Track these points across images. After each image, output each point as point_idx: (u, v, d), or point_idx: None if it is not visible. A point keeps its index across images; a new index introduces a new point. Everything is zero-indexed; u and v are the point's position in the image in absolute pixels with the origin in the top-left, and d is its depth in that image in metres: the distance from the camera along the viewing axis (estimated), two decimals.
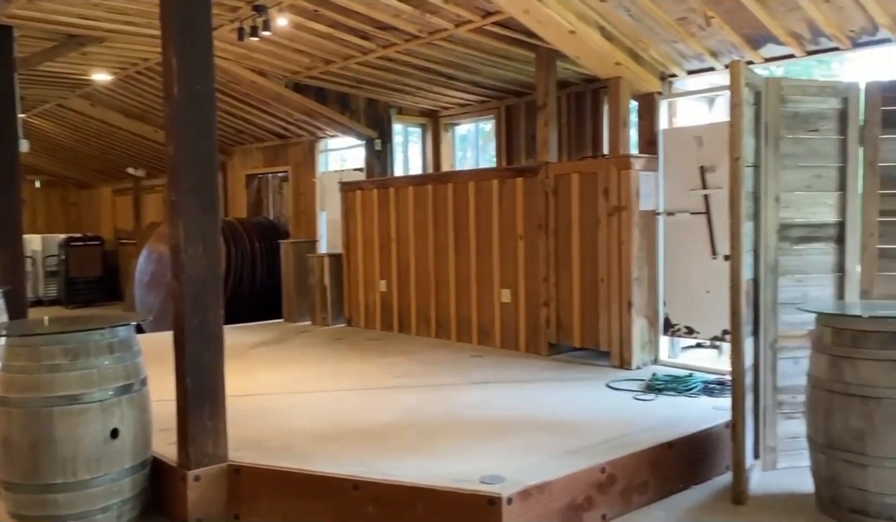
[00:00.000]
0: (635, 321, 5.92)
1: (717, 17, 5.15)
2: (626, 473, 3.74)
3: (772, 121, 4.34)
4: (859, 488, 3.50)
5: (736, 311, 3.93)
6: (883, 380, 3.46)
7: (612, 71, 5.87)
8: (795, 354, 4.30)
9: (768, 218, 4.34)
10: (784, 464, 4.32)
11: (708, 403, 4.83)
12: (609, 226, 6.01)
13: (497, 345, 6.95)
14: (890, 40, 4.91)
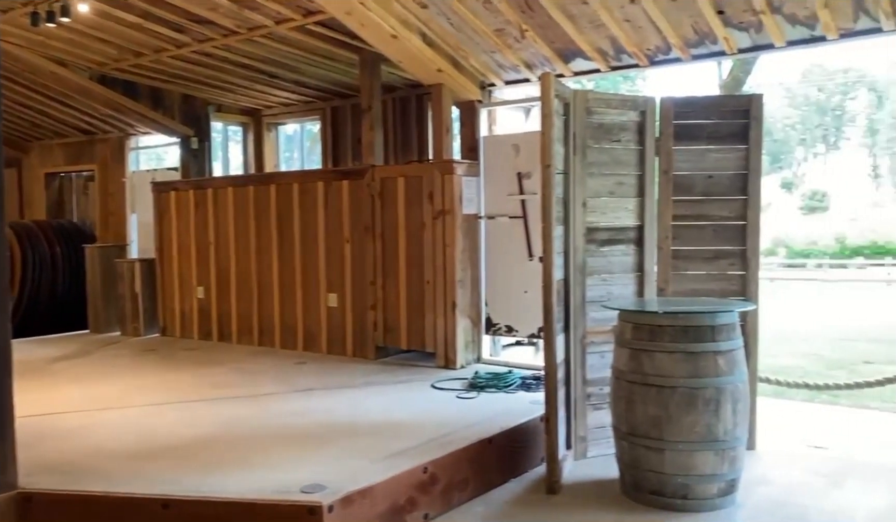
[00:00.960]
0: (459, 321, 6.06)
1: (531, 31, 5.41)
2: (448, 471, 3.80)
3: (579, 131, 4.61)
4: (657, 471, 3.80)
5: (548, 310, 4.13)
6: (676, 370, 3.78)
7: (434, 77, 5.98)
8: (602, 349, 4.61)
9: (577, 222, 4.62)
10: (593, 453, 4.61)
11: (526, 398, 5.04)
12: (434, 230, 6.11)
13: (323, 351, 6.84)
14: (681, 60, 5.40)
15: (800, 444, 4.88)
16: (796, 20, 4.74)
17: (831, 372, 8.45)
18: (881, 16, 4.49)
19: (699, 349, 3.79)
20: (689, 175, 4.86)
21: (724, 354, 3.81)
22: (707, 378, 3.76)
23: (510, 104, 6.63)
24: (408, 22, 5.45)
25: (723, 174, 4.84)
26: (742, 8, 4.72)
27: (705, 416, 3.74)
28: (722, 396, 3.76)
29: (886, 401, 7.14)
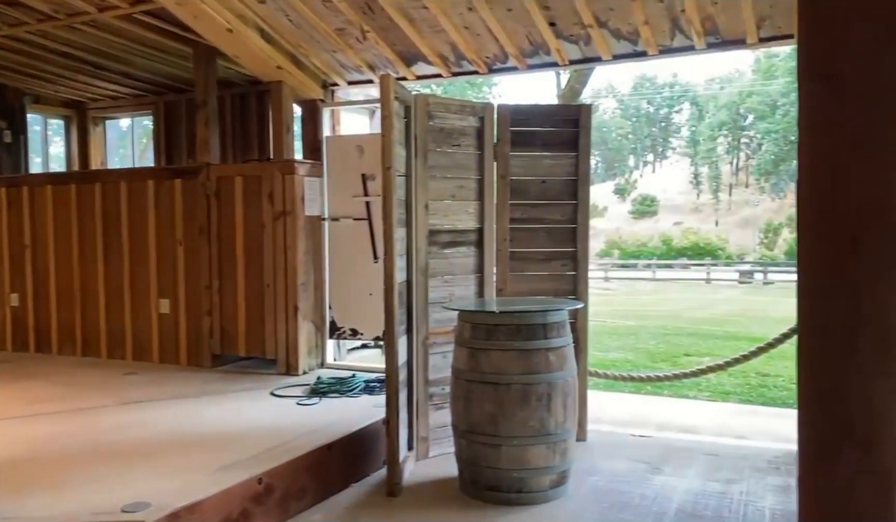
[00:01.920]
0: (302, 326, 5.93)
1: (373, 32, 5.39)
2: (285, 481, 3.69)
3: (420, 134, 4.66)
4: (493, 467, 3.90)
5: (389, 312, 4.13)
6: (511, 368, 3.90)
7: (273, 74, 5.82)
8: (444, 349, 4.67)
9: (419, 224, 4.65)
10: (435, 452, 4.67)
11: (369, 401, 5.00)
12: (275, 231, 5.94)
13: (155, 360, 6.45)
14: (517, 69, 5.59)
15: (626, 434, 5.20)
16: (621, 35, 5.05)
17: (656, 365, 9.10)
18: (694, 35, 4.88)
19: (532, 346, 3.93)
20: (525, 180, 5.05)
21: (555, 351, 3.98)
22: (539, 374, 3.91)
23: (354, 105, 6.58)
24: (244, 16, 5.26)
25: (555, 179, 5.07)
26: (572, 21, 4.96)
27: (538, 411, 3.88)
28: (553, 391, 3.92)
29: (702, 390, 7.80)
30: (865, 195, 1.17)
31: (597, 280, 32.81)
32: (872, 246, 1.16)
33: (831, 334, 1.20)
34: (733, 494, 4.02)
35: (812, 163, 1.20)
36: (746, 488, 4.11)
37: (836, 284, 1.19)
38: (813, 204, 1.20)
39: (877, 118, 1.15)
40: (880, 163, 1.16)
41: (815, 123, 1.20)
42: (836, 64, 1.17)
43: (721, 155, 58.65)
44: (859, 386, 1.19)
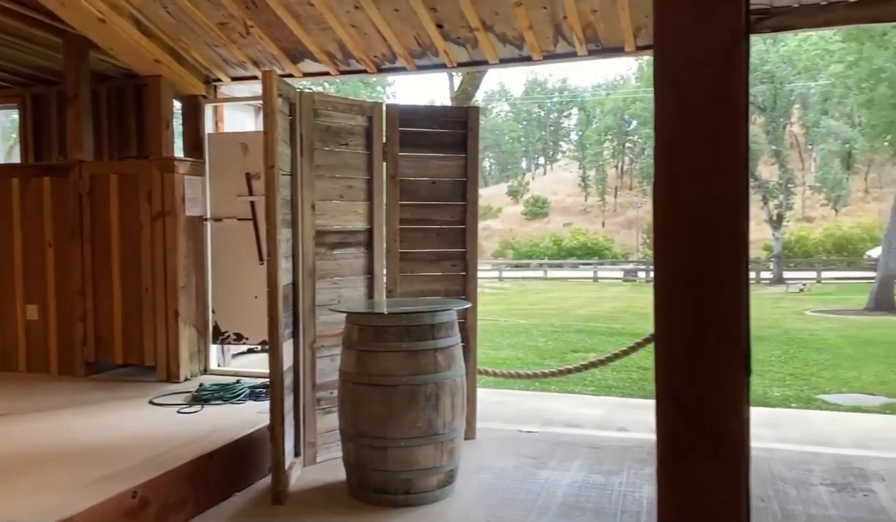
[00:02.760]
0: (183, 331, 5.69)
1: (257, 27, 5.24)
2: (162, 493, 3.52)
3: (306, 132, 4.56)
4: (381, 469, 3.88)
5: (273, 316, 4.02)
6: (399, 369, 3.88)
7: (151, 68, 5.55)
8: (333, 352, 4.60)
9: (305, 224, 4.56)
10: (323, 457, 4.59)
11: (254, 408, 4.86)
12: (153, 233, 5.67)
13: (23, 370, 6.02)
14: (406, 69, 5.59)
15: (514, 430, 5.29)
16: (506, 39, 5.14)
17: (545, 362, 9.34)
18: (576, 41, 5.03)
19: (420, 347, 3.92)
20: (415, 180, 5.05)
21: (443, 351, 3.99)
22: (427, 374, 3.92)
23: (238, 101, 6.38)
24: (118, 6, 4.99)
25: (445, 180, 5.10)
26: (459, 24, 5.00)
27: (426, 411, 3.89)
28: (442, 391, 3.94)
29: (587, 385, 8.07)
30: (711, 196, 1.23)
31: (491, 280, 33.39)
32: (718, 245, 1.22)
33: (682, 330, 1.26)
34: (614, 485, 4.17)
35: (665, 166, 1.25)
36: (626, 478, 4.27)
37: (685, 282, 1.24)
38: (665, 204, 1.24)
39: (722, 121, 1.21)
40: (726, 165, 1.22)
41: (667, 126, 1.24)
42: (686, 69, 1.22)
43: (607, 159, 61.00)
44: (709, 380, 1.25)
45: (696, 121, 1.22)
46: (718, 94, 1.21)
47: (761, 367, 9.63)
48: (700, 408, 1.27)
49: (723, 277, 1.24)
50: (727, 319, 1.23)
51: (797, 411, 6.74)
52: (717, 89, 1.21)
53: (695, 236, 1.24)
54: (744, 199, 1.23)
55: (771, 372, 9.29)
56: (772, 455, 4.71)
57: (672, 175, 1.25)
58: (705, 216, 1.24)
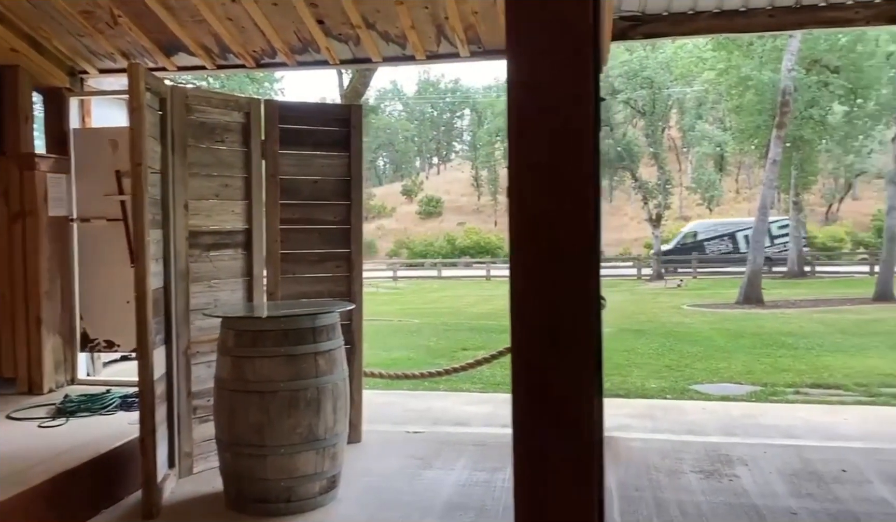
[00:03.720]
0: (47, 339, 5.31)
1: (126, 18, 4.97)
2: (17, 514, 3.27)
3: (178, 129, 4.36)
4: (260, 478, 3.75)
5: (142, 322, 3.81)
6: (277, 375, 3.77)
7: (7, 57, 5.15)
8: (209, 358, 4.40)
9: (178, 225, 4.36)
10: (201, 468, 4.40)
11: (125, 419, 4.60)
12: (12, 234, 5.26)
13: None
14: (287, 65, 5.45)
15: (402, 431, 5.27)
16: (389, 38, 5.10)
17: (436, 361, 9.38)
18: (458, 42, 5.05)
19: (300, 351, 3.82)
20: (297, 179, 4.93)
21: (324, 354, 3.91)
22: (308, 379, 3.82)
23: (108, 95, 6.03)
24: None
25: (328, 179, 5.00)
26: (341, 21, 4.92)
27: (307, 417, 3.79)
28: (323, 396, 3.85)
29: (475, 383, 8.16)
30: (563, 199, 1.24)
31: (386, 279, 33.30)
32: (569, 248, 1.23)
33: (537, 331, 1.26)
34: (497, 482, 4.22)
35: (518, 169, 1.25)
36: (509, 474, 4.31)
37: (539, 286, 1.25)
38: (518, 210, 1.24)
39: (572, 124, 1.22)
40: (577, 169, 1.23)
41: (520, 130, 1.24)
42: (536, 74, 1.23)
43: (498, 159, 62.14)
44: (565, 382, 1.26)
45: (546, 128, 1.23)
46: (567, 100, 1.22)
47: (640, 360, 10.07)
48: (554, 407, 1.27)
49: (575, 281, 1.25)
50: (577, 322, 1.25)
51: (672, 402, 7.07)
52: (565, 94, 1.22)
53: (548, 240, 1.25)
54: (593, 205, 1.25)
55: (649, 364, 9.72)
56: (647, 445, 4.91)
57: (525, 181, 1.25)
58: (557, 219, 1.24)
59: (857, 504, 3.82)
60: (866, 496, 3.92)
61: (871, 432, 5.30)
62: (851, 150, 33.14)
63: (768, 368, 9.44)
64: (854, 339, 12.23)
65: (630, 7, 4.96)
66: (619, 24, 5.07)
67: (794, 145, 27.84)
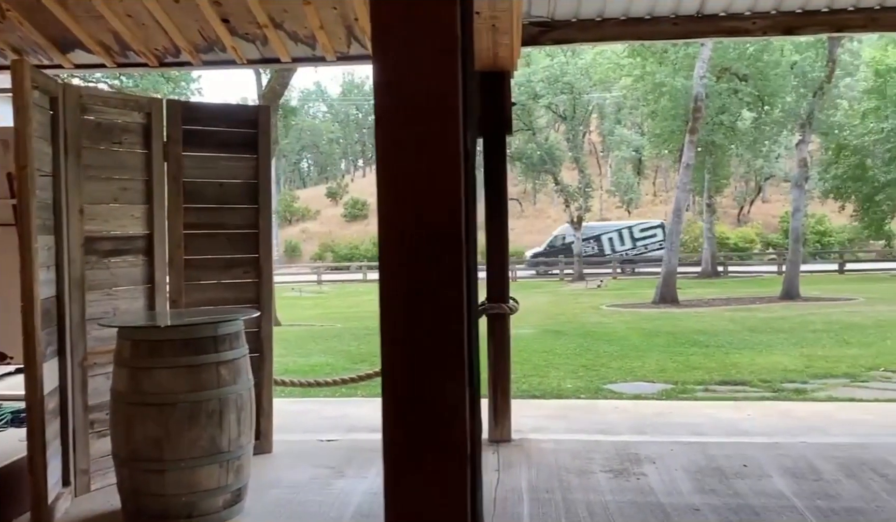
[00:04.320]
0: None
1: (15, 12, 4.68)
2: None
3: (72, 129, 4.15)
4: (159, 493, 3.60)
5: (29, 333, 3.61)
6: (177, 386, 3.62)
7: None
8: (108, 370, 4.19)
9: (72, 230, 4.14)
10: (99, 485, 4.20)
11: (17, 435, 4.33)
12: None
13: None
14: (192, 64, 5.26)
15: (315, 440, 5.16)
16: (298, 38, 4.99)
17: (356, 366, 9.27)
18: (368, 43, 4.98)
19: (201, 361, 3.69)
20: (201, 182, 4.77)
21: (227, 364, 3.78)
22: (210, 390, 3.69)
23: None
24: None
25: (235, 182, 4.86)
26: (246, 20, 4.77)
27: (209, 429, 3.66)
28: (226, 407, 3.73)
29: None
30: (430, 203, 1.20)
31: (310, 283, 32.82)
32: (436, 254, 1.20)
33: (406, 341, 1.22)
34: None
35: (386, 174, 1.21)
36: None
37: (406, 292, 1.21)
38: (386, 214, 1.21)
39: (439, 131, 1.19)
40: (443, 173, 1.20)
41: (386, 133, 1.21)
42: (403, 77, 1.19)
43: None
44: (432, 391, 1.22)
45: (413, 131, 1.19)
46: (434, 104, 1.19)
47: (558, 361, 10.22)
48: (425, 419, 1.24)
49: (442, 287, 1.22)
50: (447, 331, 1.22)
51: (586, 401, 7.19)
52: (432, 98, 1.19)
53: (415, 246, 1.21)
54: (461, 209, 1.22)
55: (566, 364, 9.88)
56: (560, 446, 4.97)
57: (392, 185, 1.21)
58: (425, 225, 1.21)
59: (755, 498, 3.95)
60: (765, 489, 4.06)
61: (772, 427, 5.52)
62: (760, 155, 34.70)
63: (680, 366, 9.74)
64: (761, 336, 12.76)
65: (539, 12, 5.01)
66: (529, 29, 5.11)
67: (707, 150, 28.95)
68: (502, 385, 5.15)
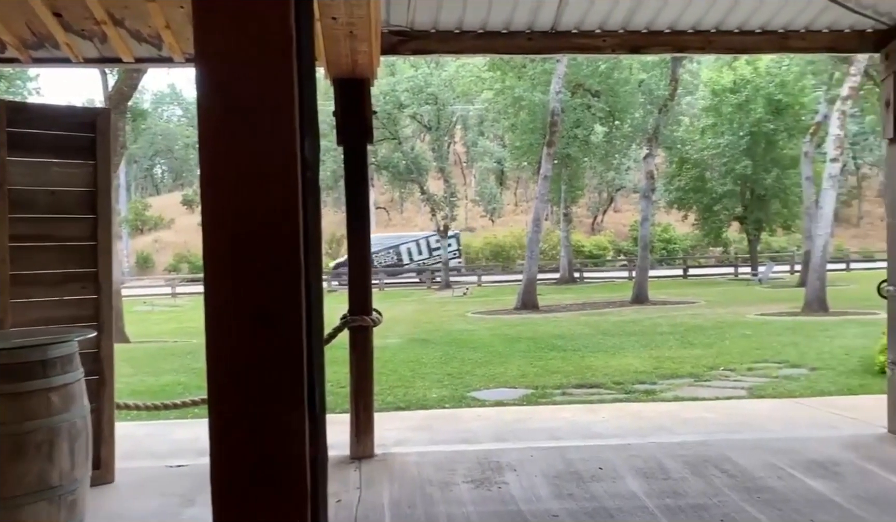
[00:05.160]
0: None
1: None
2: None
3: None
4: None
5: None
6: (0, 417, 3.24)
7: None
8: None
9: None
10: None
11: None
12: None
13: None
14: (20, 61, 4.79)
15: (163, 466, 4.82)
16: (142, 37, 4.66)
17: None
18: None
19: (28, 388, 3.32)
20: (30, 190, 4.35)
21: (58, 390, 3.43)
22: (39, 419, 3.33)
23: None
24: None
25: (69, 191, 4.47)
26: (82, 15, 4.40)
27: (37, 463, 3.30)
28: (57, 437, 3.38)
29: None
30: (264, 213, 1.10)
31: (164, 296, 31.15)
32: (270, 269, 1.09)
33: (240, 365, 1.11)
34: None
35: (212, 186, 1.09)
36: None
37: (239, 313, 1.10)
38: (213, 226, 1.09)
39: (267, 133, 1.09)
40: (277, 182, 1.10)
41: (211, 141, 1.09)
42: (229, 76, 1.08)
43: None
44: (271, 418, 1.12)
45: (241, 139, 1.09)
46: (266, 107, 1.08)
47: (424, 370, 10.22)
48: (262, 447, 1.13)
49: (281, 306, 1.11)
50: (289, 354, 1.11)
51: (450, 411, 7.21)
52: (264, 101, 1.08)
53: (248, 261, 1.10)
54: (298, 217, 1.12)
55: (432, 374, 9.89)
56: (423, 458, 4.92)
57: (220, 195, 1.10)
58: (258, 240, 1.10)
59: (611, 500, 4.07)
60: (619, 491, 4.20)
61: (625, 428, 5.76)
62: (612, 167, 36.73)
63: (540, 371, 10.01)
64: (613, 339, 13.39)
65: (399, 21, 4.97)
66: (388, 38, 5.06)
67: (563, 162, 30.25)
68: (365, 400, 5.04)
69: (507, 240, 44.40)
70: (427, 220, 40.75)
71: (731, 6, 4.87)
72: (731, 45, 5.37)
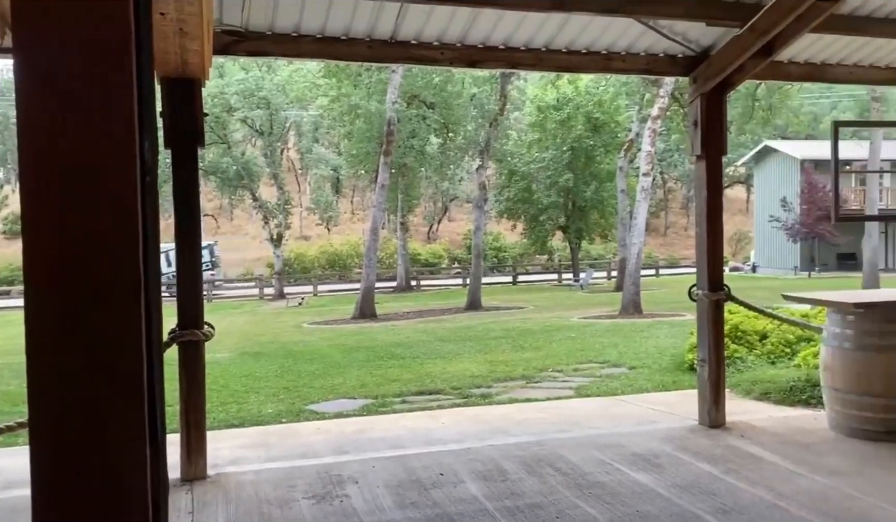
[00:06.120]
0: None
1: None
2: None
3: None
4: None
5: None
6: None
7: None
8: None
9: None
10: None
11: None
12: None
13: None
14: None
15: None
16: None
17: (17, 409, 7.97)
18: None
19: None
20: None
21: None
22: None
23: None
24: None
25: None
26: None
27: None
28: None
29: None
30: (97, 220, 0.98)
31: None
32: (107, 282, 0.98)
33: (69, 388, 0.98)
34: None
35: (36, 192, 0.96)
36: None
37: (70, 333, 0.98)
38: (35, 238, 0.96)
39: (105, 134, 0.98)
40: (114, 183, 0.98)
41: (35, 131, 0.96)
42: (56, 70, 0.95)
43: None
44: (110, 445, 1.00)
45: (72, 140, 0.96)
46: (95, 95, 0.97)
47: (258, 384, 9.85)
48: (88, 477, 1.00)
49: (118, 327, 1.00)
50: (122, 372, 1.00)
51: (287, 425, 6.99)
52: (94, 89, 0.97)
53: (80, 275, 0.98)
54: (137, 225, 1.01)
55: (267, 388, 9.56)
56: (259, 476, 4.73)
57: (44, 201, 0.96)
58: (90, 250, 0.98)
59: (452, 505, 4.12)
60: (460, 496, 4.26)
61: (464, 432, 5.87)
62: (446, 178, 37.61)
63: (379, 380, 9.99)
64: (450, 345, 13.67)
65: (232, 21, 4.77)
66: (222, 37, 4.83)
67: (400, 171, 30.57)
68: (196, 418, 4.76)
69: (343, 249, 44.08)
70: (259, 228, 39.52)
71: (559, 26, 5.13)
72: (559, 64, 5.67)
